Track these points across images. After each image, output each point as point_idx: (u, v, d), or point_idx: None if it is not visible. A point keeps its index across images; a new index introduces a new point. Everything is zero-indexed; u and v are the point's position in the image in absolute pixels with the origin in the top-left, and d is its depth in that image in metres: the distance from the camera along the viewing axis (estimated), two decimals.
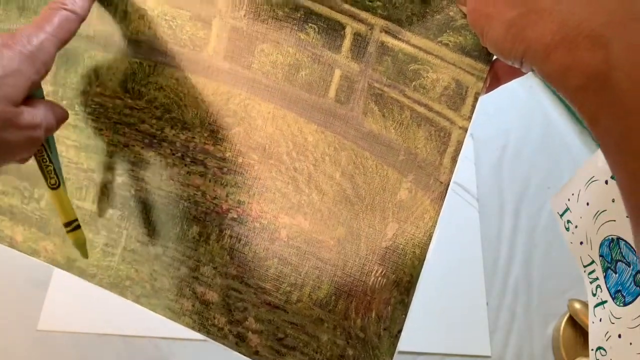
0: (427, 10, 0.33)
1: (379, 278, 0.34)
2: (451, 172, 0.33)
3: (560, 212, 0.42)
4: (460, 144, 0.32)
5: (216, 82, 0.38)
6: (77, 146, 0.41)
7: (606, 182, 0.37)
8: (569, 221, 0.41)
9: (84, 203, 0.42)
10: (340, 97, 0.36)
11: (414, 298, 0.33)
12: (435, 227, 0.33)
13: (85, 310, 0.62)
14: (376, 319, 0.34)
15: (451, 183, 0.32)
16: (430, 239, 0.33)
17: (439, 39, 0.33)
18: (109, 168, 0.41)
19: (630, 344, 0.34)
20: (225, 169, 0.38)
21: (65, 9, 0.34)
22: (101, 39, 0.39)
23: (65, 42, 0.34)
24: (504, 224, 0.68)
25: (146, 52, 0.39)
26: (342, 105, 0.35)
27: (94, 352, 0.60)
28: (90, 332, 0.61)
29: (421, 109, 0.33)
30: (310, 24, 0.35)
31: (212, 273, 0.39)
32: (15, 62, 0.31)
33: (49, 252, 0.43)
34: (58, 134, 0.42)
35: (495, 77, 0.33)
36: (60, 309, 0.63)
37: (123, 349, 0.60)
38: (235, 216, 0.38)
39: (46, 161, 0.37)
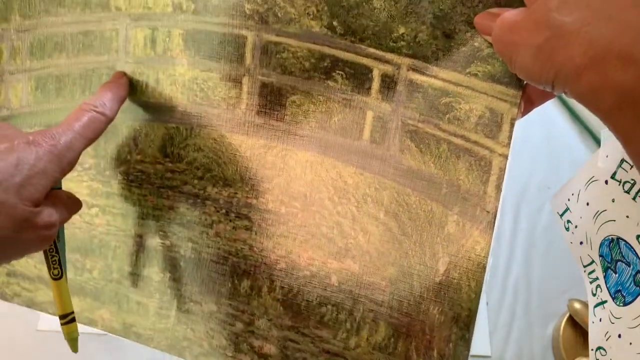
0: (452, 44, 0.33)
1: (437, 315, 0.34)
2: (497, 200, 0.32)
3: (560, 212, 0.42)
4: (502, 171, 0.32)
5: (252, 137, 0.39)
6: (124, 214, 0.42)
7: (606, 182, 0.37)
8: (569, 221, 0.40)
9: (135, 269, 0.43)
10: (375, 137, 0.36)
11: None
12: (487, 257, 0.33)
13: None
14: (438, 357, 0.34)
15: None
16: (485, 270, 0.33)
17: (468, 70, 0.33)
18: (157, 232, 0.42)
19: (630, 344, 0.33)
20: (269, 221, 0.39)
21: (95, 111, 0.36)
22: (136, 109, 0.41)
23: (92, 141, 0.35)
24: (504, 224, 0.68)
25: (181, 116, 0.40)
26: (377, 145, 0.36)
27: (94, 352, 0.59)
28: (90, 332, 0.59)
29: (458, 141, 0.34)
30: (337, 72, 0.36)
31: (267, 325, 0.39)
32: (42, 162, 0.32)
33: (105, 320, 0.44)
34: (104, 204, 0.43)
35: (529, 100, 0.33)
36: None
37: (123, 349, 0.59)
38: (284, 266, 0.38)
39: (52, 251, 0.38)
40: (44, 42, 0.41)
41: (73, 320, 0.40)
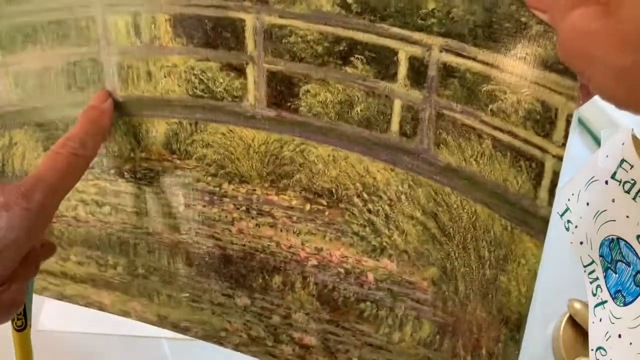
0: (493, 19, 0.28)
1: (485, 315, 0.32)
2: (550, 205, 0.29)
3: (560, 212, 0.40)
4: (557, 174, 0.28)
5: (265, 131, 0.34)
6: (138, 212, 0.40)
7: (606, 182, 0.35)
8: (569, 221, 0.39)
9: (160, 264, 0.41)
10: (405, 129, 0.32)
11: None
12: (539, 263, 0.30)
13: (85, 310, 0.61)
14: (487, 356, 0.33)
15: (552, 216, 0.29)
16: (536, 276, 0.30)
17: (513, 52, 0.28)
18: (175, 229, 0.39)
19: (631, 344, 0.33)
20: (294, 218, 0.36)
21: (75, 154, 0.31)
22: (130, 104, 0.36)
23: (71, 188, 0.31)
24: None
25: (182, 111, 0.36)
26: (409, 138, 0.32)
27: (94, 352, 0.61)
28: (90, 332, 0.59)
29: (504, 137, 0.29)
30: (356, 56, 0.31)
31: (305, 319, 0.38)
32: (14, 232, 0.28)
33: (138, 312, 0.43)
34: (116, 202, 0.40)
35: (587, 91, 0.27)
36: (60, 309, 0.60)
37: (123, 349, 0.60)
38: (316, 263, 0.36)
39: None
40: (13, 34, 0.36)
41: None
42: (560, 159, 0.28)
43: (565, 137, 0.28)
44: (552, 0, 0.25)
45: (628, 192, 0.32)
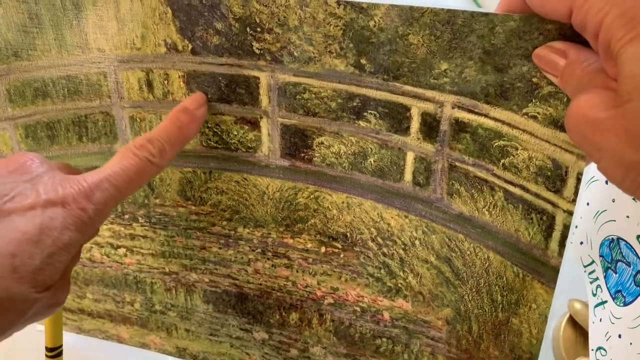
0: (505, 79, 0.28)
1: (497, 354, 0.34)
2: (560, 255, 0.30)
3: None
4: (567, 227, 0.29)
5: (279, 179, 0.35)
6: (154, 254, 0.41)
7: (606, 182, 0.36)
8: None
9: (177, 301, 0.42)
10: (418, 179, 0.32)
11: None
12: (549, 308, 0.31)
13: None
14: None
15: (561, 269, 0.30)
16: (546, 320, 0.31)
17: (525, 111, 0.29)
18: (192, 269, 0.40)
19: (631, 344, 0.34)
20: (310, 260, 0.37)
21: (151, 161, 0.29)
22: None
23: (133, 193, 0.29)
24: None
25: (196, 160, 0.36)
26: (422, 188, 0.33)
27: (94, 352, 0.62)
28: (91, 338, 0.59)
29: (516, 190, 0.30)
30: (369, 111, 0.31)
31: (322, 352, 0.39)
32: (67, 233, 0.25)
33: (157, 344, 0.45)
34: (130, 245, 0.41)
35: None
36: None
37: (123, 349, 0.61)
38: (332, 301, 0.38)
39: None
40: (22, 88, 0.36)
41: (60, 354, 0.37)
42: (570, 213, 0.29)
43: (576, 193, 0.29)
44: (564, 68, 0.26)
45: None
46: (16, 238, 0.25)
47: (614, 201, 0.35)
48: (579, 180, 0.28)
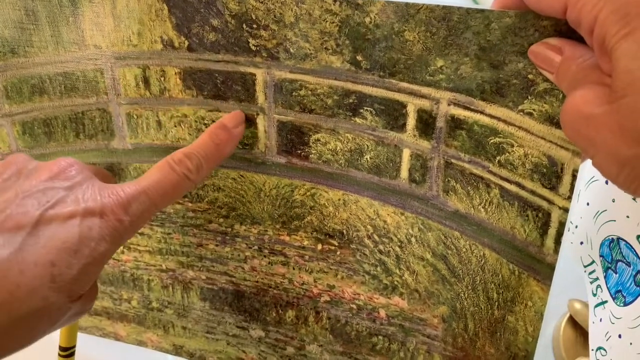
0: (501, 76, 0.28)
1: (493, 352, 0.34)
2: (556, 252, 0.30)
3: None
4: (562, 225, 0.29)
5: (275, 176, 0.35)
6: (150, 251, 0.41)
7: (606, 182, 0.36)
8: (569, 221, 0.39)
9: (174, 298, 0.42)
10: (414, 176, 0.32)
11: None
12: (545, 306, 0.31)
13: None
14: None
15: (557, 266, 0.30)
16: (542, 317, 0.31)
17: (520, 108, 0.29)
18: (189, 266, 0.40)
19: (631, 344, 0.34)
20: (306, 257, 0.37)
21: (188, 178, 0.29)
22: (141, 150, 0.37)
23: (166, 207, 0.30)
24: None
25: None
26: (418, 185, 0.33)
27: (94, 352, 0.62)
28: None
29: (512, 187, 0.30)
30: (365, 108, 0.31)
31: (319, 350, 0.39)
32: (103, 244, 0.25)
33: (154, 342, 0.45)
34: (128, 242, 0.41)
35: None
36: None
37: (123, 349, 0.61)
38: (329, 299, 0.38)
39: None
40: (19, 85, 0.36)
41: (72, 354, 0.37)
42: (566, 210, 0.29)
43: (571, 190, 0.29)
44: (559, 64, 0.26)
45: None
46: (56, 247, 0.25)
47: (614, 201, 0.35)
48: (574, 177, 0.28)
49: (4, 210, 0.25)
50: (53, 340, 0.36)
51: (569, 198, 0.29)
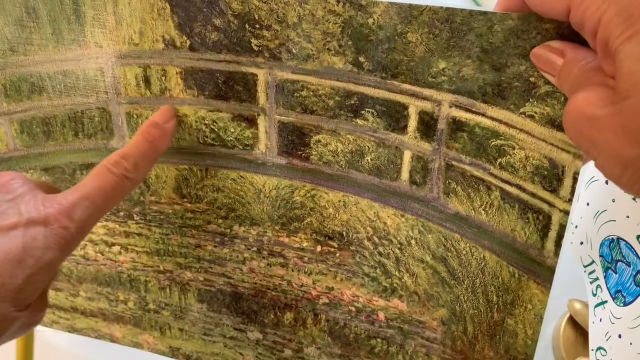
0: (503, 79, 0.28)
1: (492, 355, 0.34)
2: (556, 255, 0.30)
3: None
4: (563, 227, 0.30)
5: (275, 177, 0.35)
6: (148, 252, 0.40)
7: (606, 182, 0.36)
8: (569, 221, 0.40)
9: (172, 300, 0.42)
10: (415, 178, 0.32)
11: None
12: (545, 309, 0.31)
13: None
14: None
15: (557, 268, 0.30)
16: (542, 320, 0.31)
17: (522, 110, 0.29)
18: (187, 267, 0.40)
19: (631, 344, 0.34)
20: (305, 258, 0.37)
21: (126, 177, 0.29)
22: None
23: (111, 209, 0.30)
24: None
25: (192, 158, 0.36)
26: (418, 187, 0.33)
27: (93, 352, 0.61)
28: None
29: (512, 189, 0.30)
30: (367, 109, 0.31)
31: (317, 353, 0.39)
32: (50, 252, 0.26)
33: (150, 344, 0.44)
34: (125, 242, 0.41)
35: None
36: None
37: (123, 349, 0.61)
38: (327, 301, 0.37)
39: None
40: (18, 83, 0.36)
41: None
42: (566, 213, 0.29)
43: (572, 193, 0.29)
44: (561, 67, 0.26)
45: None
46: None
47: (614, 201, 0.35)
48: (575, 179, 0.29)
49: None
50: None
51: (570, 201, 0.29)
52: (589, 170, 0.38)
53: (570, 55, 0.25)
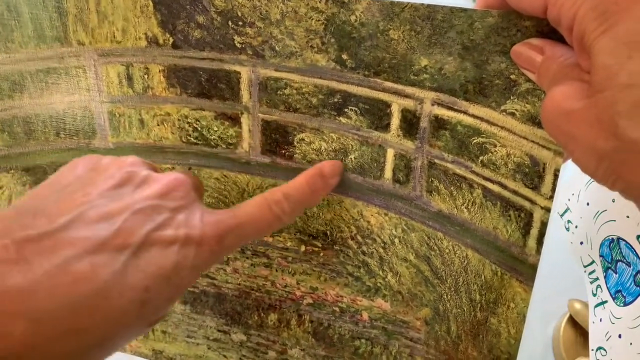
0: (484, 76, 0.29)
1: (476, 354, 0.34)
2: (538, 253, 0.30)
3: (560, 212, 0.41)
4: (544, 225, 0.30)
5: (259, 176, 0.35)
6: None
7: None
8: (569, 221, 0.40)
9: None
10: (398, 176, 0.32)
11: None
12: (527, 307, 0.31)
13: None
14: None
15: (540, 266, 0.30)
16: (524, 319, 0.31)
17: (503, 108, 0.29)
18: None
19: (631, 344, 0.34)
20: (289, 258, 0.37)
21: (282, 219, 0.28)
22: (123, 150, 0.36)
23: None
24: None
25: (175, 157, 0.36)
26: (402, 185, 0.33)
27: None
28: None
29: (494, 187, 0.30)
30: (350, 107, 0.32)
31: (300, 354, 0.39)
32: (195, 273, 0.25)
33: (133, 347, 0.44)
34: None
35: None
36: None
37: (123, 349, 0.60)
38: (311, 301, 0.37)
39: None
40: None
41: None
42: (548, 210, 0.29)
43: (553, 190, 0.29)
44: (541, 63, 0.26)
45: None
46: (153, 272, 0.24)
47: (614, 201, 0.35)
48: (556, 176, 0.29)
49: (113, 222, 0.24)
50: None
51: (551, 198, 0.29)
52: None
53: (548, 52, 0.25)
